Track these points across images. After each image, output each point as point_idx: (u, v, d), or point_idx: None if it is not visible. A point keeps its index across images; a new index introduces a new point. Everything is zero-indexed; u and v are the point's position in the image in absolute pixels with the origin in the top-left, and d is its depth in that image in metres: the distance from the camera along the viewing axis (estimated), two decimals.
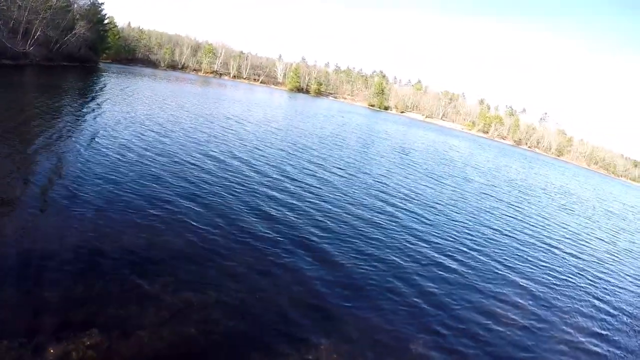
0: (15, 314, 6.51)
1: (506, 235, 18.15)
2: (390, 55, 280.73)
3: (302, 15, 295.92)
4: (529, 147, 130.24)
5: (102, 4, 67.02)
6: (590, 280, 15.13)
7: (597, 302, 13.08)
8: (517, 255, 15.73)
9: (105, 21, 72.02)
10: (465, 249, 14.67)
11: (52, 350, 5.88)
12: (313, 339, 7.62)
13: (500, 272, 13.40)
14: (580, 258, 17.86)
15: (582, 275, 15.49)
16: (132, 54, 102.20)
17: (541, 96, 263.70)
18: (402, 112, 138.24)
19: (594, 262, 17.98)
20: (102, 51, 76.26)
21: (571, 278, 14.77)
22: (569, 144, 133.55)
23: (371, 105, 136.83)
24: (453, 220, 18.26)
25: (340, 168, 23.80)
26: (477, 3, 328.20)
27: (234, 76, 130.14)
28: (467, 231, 17.05)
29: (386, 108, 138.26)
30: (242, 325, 7.58)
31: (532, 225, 21.64)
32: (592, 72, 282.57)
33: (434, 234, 15.54)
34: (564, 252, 18.03)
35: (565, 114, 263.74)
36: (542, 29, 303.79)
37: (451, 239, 15.39)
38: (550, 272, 14.74)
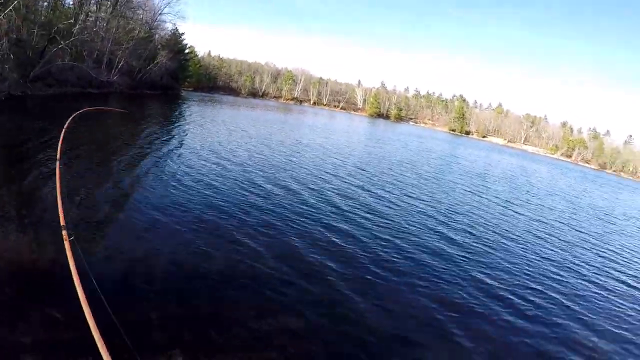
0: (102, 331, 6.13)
1: (590, 273, 15.26)
2: (469, 78, 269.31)
3: (380, 40, 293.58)
4: (613, 170, 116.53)
5: (183, 34, 69.24)
6: None
7: None
8: (603, 300, 12.88)
9: (186, 51, 74.73)
10: (542, 289, 12.47)
11: None
12: None
13: (583, 316, 11.19)
14: None
15: None
16: (213, 82, 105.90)
17: (625, 117, 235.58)
18: (483, 137, 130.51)
19: None
20: (184, 79, 79.15)
21: None
22: None
23: (452, 130, 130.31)
24: (529, 253, 16.01)
25: (410, 196, 21.89)
26: (558, 22, 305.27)
27: (314, 103, 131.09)
28: (543, 267, 14.62)
29: (467, 133, 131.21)
30: (321, 355, 7.40)
31: (622, 263, 17.83)
32: None
33: (508, 270, 13.54)
34: None
35: None
36: (624, 49, 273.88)
37: (527, 277, 13.23)
38: None
